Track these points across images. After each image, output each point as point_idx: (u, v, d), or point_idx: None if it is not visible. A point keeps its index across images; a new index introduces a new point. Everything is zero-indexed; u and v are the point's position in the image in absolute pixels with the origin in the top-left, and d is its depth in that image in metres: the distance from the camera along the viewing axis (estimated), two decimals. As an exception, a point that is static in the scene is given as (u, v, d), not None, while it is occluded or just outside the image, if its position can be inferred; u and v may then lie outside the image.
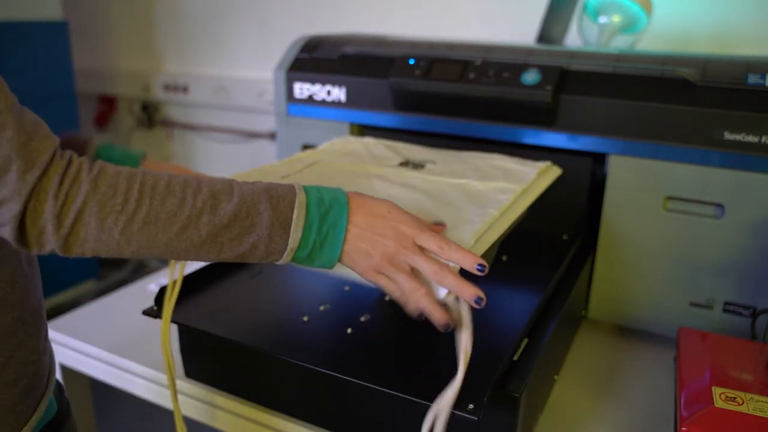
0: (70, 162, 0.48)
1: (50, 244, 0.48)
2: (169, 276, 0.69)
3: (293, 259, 0.53)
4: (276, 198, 0.52)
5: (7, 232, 0.47)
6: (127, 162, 0.83)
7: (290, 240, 0.52)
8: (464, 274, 0.55)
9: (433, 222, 0.59)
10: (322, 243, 0.53)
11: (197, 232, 0.50)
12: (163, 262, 2.13)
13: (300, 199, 0.52)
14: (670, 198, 0.83)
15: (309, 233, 0.52)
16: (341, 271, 0.57)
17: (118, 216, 0.48)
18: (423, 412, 0.57)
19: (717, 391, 0.63)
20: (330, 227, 0.53)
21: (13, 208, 0.46)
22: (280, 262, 0.53)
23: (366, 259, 0.53)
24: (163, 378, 0.81)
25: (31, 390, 0.59)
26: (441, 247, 0.53)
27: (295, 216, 0.52)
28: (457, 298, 0.54)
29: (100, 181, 0.48)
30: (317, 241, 0.52)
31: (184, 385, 0.79)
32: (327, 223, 0.53)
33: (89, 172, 0.48)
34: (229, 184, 0.52)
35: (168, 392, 0.80)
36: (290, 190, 0.53)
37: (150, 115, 2.18)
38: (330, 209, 0.53)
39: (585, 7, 1.08)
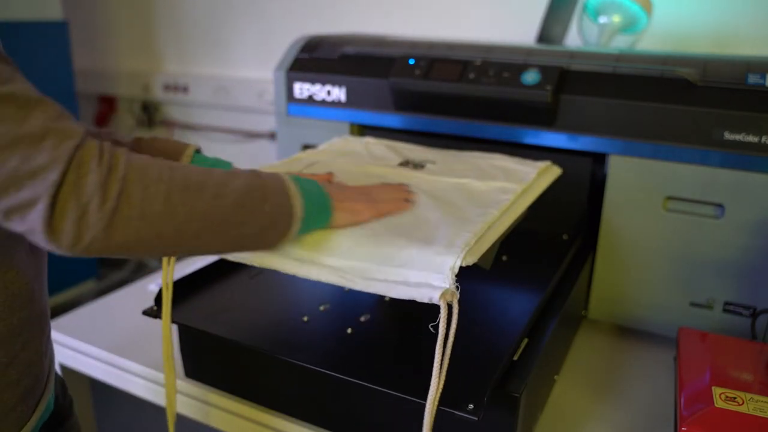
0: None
1: (93, 227, 0.43)
2: (162, 277, 0.69)
3: (303, 221, 0.56)
4: (266, 174, 0.56)
5: (37, 217, 0.42)
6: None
7: (295, 206, 0.55)
8: (466, 268, 0.55)
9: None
10: (313, 199, 0.58)
11: (226, 200, 0.50)
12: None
13: (284, 176, 0.57)
14: (670, 198, 0.83)
15: (303, 189, 0.57)
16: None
17: (158, 185, 0.46)
18: (423, 412, 0.57)
19: (717, 391, 0.63)
20: (315, 194, 0.58)
21: (50, 177, 0.41)
22: (293, 231, 0.56)
23: (351, 212, 0.61)
24: (163, 378, 0.80)
25: (32, 390, 0.59)
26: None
27: (290, 187, 0.55)
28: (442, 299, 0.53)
29: (133, 154, 0.46)
30: (310, 194, 0.57)
31: (183, 384, 0.79)
32: (310, 190, 0.58)
33: (119, 146, 0.46)
34: (231, 173, 0.54)
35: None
36: (269, 171, 0.57)
37: (150, 115, 2.18)
38: (302, 180, 0.58)
39: (585, 7, 1.08)
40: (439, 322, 0.52)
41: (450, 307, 0.53)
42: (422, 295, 0.54)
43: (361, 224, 0.61)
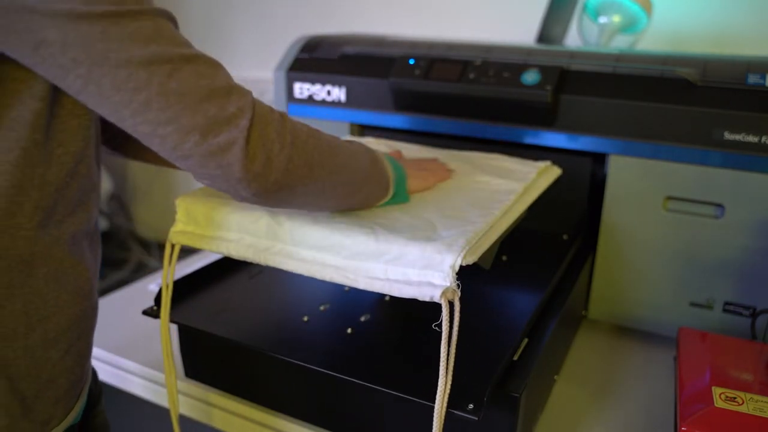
0: None
1: (275, 169, 0.50)
2: (162, 277, 0.69)
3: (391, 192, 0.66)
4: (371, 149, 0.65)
5: (234, 159, 0.48)
6: None
7: (390, 176, 0.65)
8: (466, 269, 0.55)
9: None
10: (398, 176, 0.67)
11: (358, 162, 0.60)
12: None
13: (378, 151, 0.66)
14: (670, 198, 0.83)
15: (395, 170, 0.66)
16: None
17: (311, 138, 0.54)
18: (423, 412, 0.57)
19: (717, 391, 0.63)
20: (396, 165, 0.67)
21: (243, 123, 0.49)
22: (387, 197, 0.65)
23: (420, 178, 0.71)
24: (164, 378, 0.81)
25: (81, 378, 0.62)
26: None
27: (384, 160, 0.65)
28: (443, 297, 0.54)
29: None
30: (398, 174, 0.66)
31: (183, 384, 0.79)
32: (394, 163, 0.67)
33: None
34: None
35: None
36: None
37: (150, 115, 2.17)
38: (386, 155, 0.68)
39: (585, 7, 1.08)
40: (441, 321, 0.52)
41: (452, 305, 0.53)
42: (423, 294, 0.54)
43: (428, 188, 0.72)
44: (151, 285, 1.07)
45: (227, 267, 0.84)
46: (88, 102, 0.48)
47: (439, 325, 0.53)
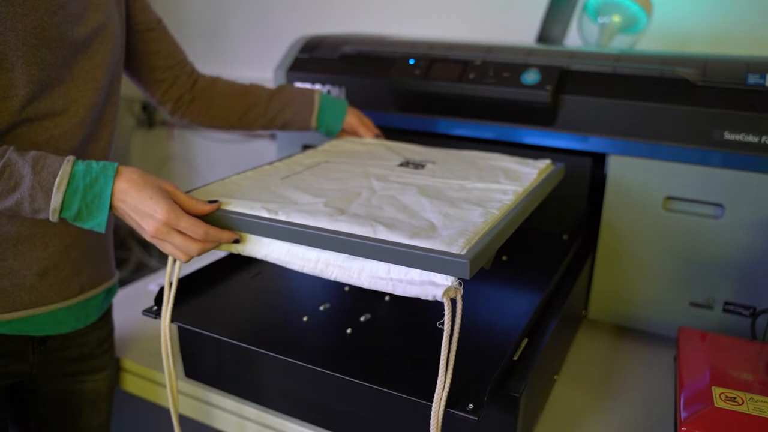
0: None
1: None
2: (166, 278, 0.69)
3: (66, 218, 0.62)
4: (40, 165, 0.61)
5: None
6: (335, 108, 0.94)
7: (52, 202, 0.61)
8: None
9: (207, 201, 0.64)
10: (88, 208, 0.62)
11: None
12: (162, 262, 2.12)
13: (65, 168, 0.61)
14: (670, 198, 0.83)
15: (73, 198, 0.61)
16: None
17: None
18: (423, 412, 0.57)
19: (717, 391, 0.63)
20: (95, 196, 0.62)
21: None
22: (52, 220, 0.62)
23: (139, 229, 0.63)
24: (164, 378, 0.81)
25: None
26: (196, 233, 0.61)
27: (56, 182, 0.60)
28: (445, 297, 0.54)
29: None
30: (82, 205, 0.61)
31: (183, 384, 0.79)
32: (92, 192, 0.61)
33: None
34: (4, 150, 0.62)
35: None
36: (58, 159, 0.62)
37: (150, 115, 2.18)
38: (96, 180, 0.62)
39: (585, 7, 1.08)
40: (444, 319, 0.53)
41: (454, 303, 0.53)
42: (426, 293, 0.54)
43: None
44: (151, 285, 1.07)
45: (227, 267, 0.84)
46: None
47: (443, 323, 0.53)
